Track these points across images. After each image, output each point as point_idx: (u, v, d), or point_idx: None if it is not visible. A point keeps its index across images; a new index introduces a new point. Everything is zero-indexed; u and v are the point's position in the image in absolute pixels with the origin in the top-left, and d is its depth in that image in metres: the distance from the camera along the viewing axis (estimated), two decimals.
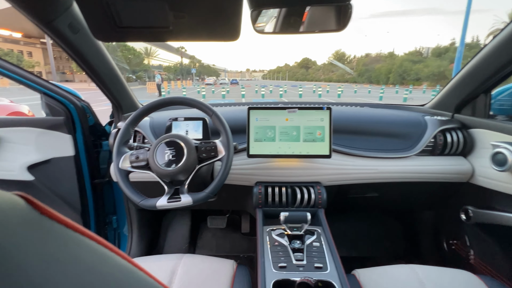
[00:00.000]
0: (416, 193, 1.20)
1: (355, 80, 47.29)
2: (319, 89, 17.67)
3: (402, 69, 35.08)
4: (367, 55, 62.63)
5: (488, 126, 1.02)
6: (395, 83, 33.79)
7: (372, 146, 1.11)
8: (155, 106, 0.90)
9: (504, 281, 0.91)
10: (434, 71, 30.99)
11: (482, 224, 1.04)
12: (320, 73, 77.12)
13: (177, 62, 69.67)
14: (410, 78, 33.26)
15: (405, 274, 0.83)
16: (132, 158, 0.85)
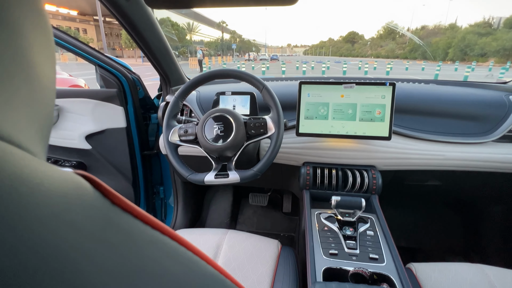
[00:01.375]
0: (488, 183, 1.05)
1: (406, 56, 43.13)
2: (365, 66, 16.45)
3: (464, 43, 30.97)
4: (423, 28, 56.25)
5: None
6: (454, 59, 30.11)
7: (439, 128, 0.97)
8: (204, 79, 0.87)
9: None
10: (506, 45, 26.82)
11: None
12: (367, 48, 71.67)
13: (218, 37, 69.68)
14: (473, 53, 29.30)
15: (472, 274, 0.74)
16: (181, 132, 0.84)
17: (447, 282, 0.72)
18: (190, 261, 0.17)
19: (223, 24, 73.36)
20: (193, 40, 55.64)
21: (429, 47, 38.06)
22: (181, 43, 40.33)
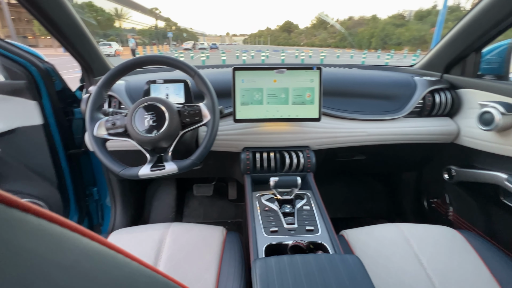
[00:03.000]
0: (402, 154, 1.22)
1: (337, 45, 46.51)
2: (301, 54, 17.24)
3: (384, 33, 34.74)
4: (350, 18, 61.14)
5: (476, 86, 1.01)
6: (377, 47, 33.60)
7: (362, 108, 1.08)
8: (129, 66, 0.81)
9: (481, 235, 0.96)
10: (415, 35, 30.95)
11: (463, 182, 1.08)
12: (302, 37, 75.04)
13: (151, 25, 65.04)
14: (391, 42, 33.11)
15: (391, 232, 0.86)
16: (108, 125, 0.77)
17: (372, 242, 0.83)
18: (60, 237, 0.16)
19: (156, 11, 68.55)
20: (124, 27, 50.89)
21: (355, 37, 41.63)
22: (110, 31, 36.54)
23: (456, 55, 1.07)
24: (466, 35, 1.01)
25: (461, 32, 1.02)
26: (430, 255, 0.77)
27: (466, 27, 1.00)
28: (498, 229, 0.98)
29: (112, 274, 0.17)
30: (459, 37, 1.04)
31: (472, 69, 1.07)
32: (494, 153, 0.94)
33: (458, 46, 1.05)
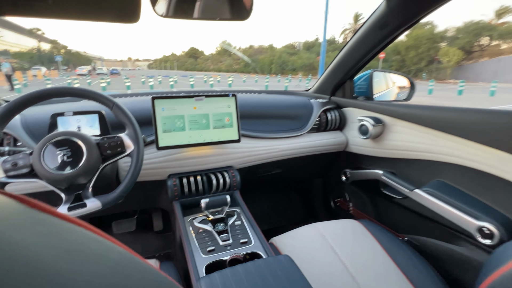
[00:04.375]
0: (309, 164, 1.43)
1: (243, 70, 49.93)
2: (210, 79, 17.78)
3: (281, 60, 39.36)
4: (250, 47, 66.85)
5: (353, 105, 1.31)
6: (276, 73, 37.65)
7: (274, 128, 1.24)
8: (31, 99, 0.73)
9: (374, 221, 1.21)
10: (306, 63, 36.23)
11: (355, 181, 1.34)
12: (209, 63, 77.38)
13: (32, 47, 55.65)
14: (288, 68, 37.73)
15: (309, 232, 1.00)
16: (7, 166, 0.67)
17: (296, 243, 0.94)
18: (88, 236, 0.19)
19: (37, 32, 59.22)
20: None
21: (257, 63, 45.72)
22: None
23: (337, 81, 1.36)
24: (342, 66, 1.30)
25: (338, 64, 1.31)
26: (341, 244, 0.93)
27: (341, 61, 1.29)
28: (383, 214, 1.26)
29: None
30: (338, 68, 1.33)
31: (349, 92, 1.38)
32: (372, 156, 1.22)
33: (338, 75, 1.34)
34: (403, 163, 1.11)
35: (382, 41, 1.10)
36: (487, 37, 25.89)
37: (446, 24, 36.63)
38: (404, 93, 1.42)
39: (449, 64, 24.55)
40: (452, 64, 24.47)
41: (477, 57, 25.68)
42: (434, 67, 25.85)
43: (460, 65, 25.16)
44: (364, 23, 1.12)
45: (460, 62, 25.05)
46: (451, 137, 0.90)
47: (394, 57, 27.26)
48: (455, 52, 24.11)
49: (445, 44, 26.50)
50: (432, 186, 0.96)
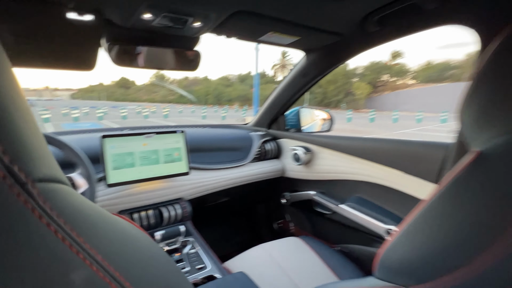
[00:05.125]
0: (253, 190, 1.57)
1: (179, 101, 49.40)
2: (144, 110, 17.09)
3: (217, 91, 40.54)
4: (185, 78, 67.19)
5: (287, 136, 1.52)
6: (213, 103, 38.40)
7: (220, 159, 1.35)
8: None
9: (312, 237, 1.38)
10: (241, 94, 38.07)
11: (294, 203, 1.52)
12: (142, 93, 74.31)
13: None
14: (224, 99, 38.93)
15: (258, 253, 1.10)
16: None
17: (246, 264, 1.03)
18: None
19: None
20: None
21: (193, 94, 46.03)
22: None
23: (272, 116, 1.58)
24: (275, 104, 1.52)
25: (273, 102, 1.53)
26: (285, 259, 1.06)
27: (275, 99, 1.51)
28: (319, 229, 1.45)
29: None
30: (272, 105, 1.54)
31: (282, 126, 1.60)
32: (305, 179, 1.42)
33: (272, 111, 1.56)
34: (330, 183, 1.33)
35: (305, 85, 1.35)
36: (387, 74, 31.55)
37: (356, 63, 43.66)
38: (326, 124, 1.71)
39: (361, 96, 28.88)
40: (363, 96, 28.87)
41: (381, 91, 30.92)
42: (350, 98, 30.00)
43: (370, 97, 29.84)
44: (291, 70, 1.37)
45: (370, 95, 29.74)
46: (362, 160, 1.15)
47: (318, 90, 30.74)
48: (365, 86, 28.66)
49: (357, 80, 31.24)
50: (352, 201, 1.19)
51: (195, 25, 0.82)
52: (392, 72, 31.08)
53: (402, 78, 31.40)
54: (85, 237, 0.20)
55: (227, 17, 0.82)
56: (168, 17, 0.74)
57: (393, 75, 31.23)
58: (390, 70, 31.27)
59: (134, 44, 0.82)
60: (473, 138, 0.43)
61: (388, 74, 31.47)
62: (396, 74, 31.00)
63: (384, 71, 31.45)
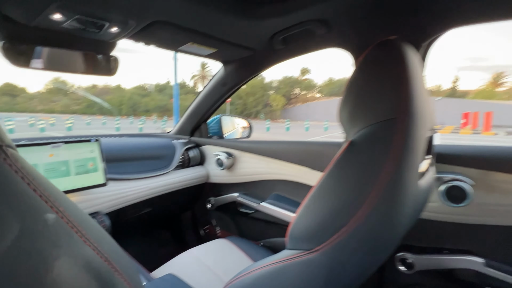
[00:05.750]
0: (178, 198, 1.55)
1: (85, 112, 43.51)
2: (40, 122, 14.41)
3: (132, 101, 37.46)
4: (94, 86, 59.93)
5: (210, 143, 1.58)
6: (128, 114, 35.28)
7: (141, 168, 1.30)
8: None
9: (238, 237, 1.45)
10: (159, 104, 36.19)
11: (219, 206, 1.57)
12: (36, 102, 62.54)
13: None
14: (141, 110, 36.24)
15: (185, 258, 1.11)
16: None
17: (174, 269, 1.03)
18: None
19: None
20: None
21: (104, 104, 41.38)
22: None
23: (194, 124, 1.61)
24: (197, 112, 1.57)
25: (194, 111, 1.57)
26: (213, 260, 1.10)
27: (196, 108, 1.55)
28: (244, 228, 1.54)
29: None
30: (194, 114, 1.58)
31: (205, 133, 1.65)
32: (229, 183, 1.50)
33: (194, 119, 1.60)
34: (252, 184, 1.44)
35: (225, 94, 1.45)
36: (298, 88, 35.09)
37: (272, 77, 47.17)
38: (246, 131, 1.84)
39: (277, 108, 31.27)
40: (279, 107, 31.32)
41: (294, 103, 34.20)
42: (268, 109, 32.08)
43: (285, 108, 32.56)
44: (211, 79, 1.45)
45: (285, 106, 32.46)
46: (277, 161, 1.30)
47: (238, 101, 31.82)
48: (280, 99, 31.18)
49: (273, 92, 33.71)
50: (271, 198, 1.32)
51: (113, 30, 0.81)
52: (302, 86, 34.81)
53: (311, 91, 35.44)
54: (48, 191, 0.25)
55: (147, 25, 0.84)
56: (82, 20, 0.72)
57: (303, 89, 35.00)
58: (301, 84, 34.98)
59: (39, 44, 0.76)
60: (348, 132, 0.58)
61: (299, 88, 35.09)
62: (305, 88, 34.86)
63: (296, 85, 34.99)
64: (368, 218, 0.48)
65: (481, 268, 0.84)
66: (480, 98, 27.48)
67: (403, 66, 0.51)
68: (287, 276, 0.56)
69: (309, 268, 0.53)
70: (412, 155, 0.50)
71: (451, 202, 0.86)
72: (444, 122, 20.94)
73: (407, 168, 0.49)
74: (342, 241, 0.49)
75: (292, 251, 0.56)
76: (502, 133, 14.96)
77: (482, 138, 13.46)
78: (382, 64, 0.54)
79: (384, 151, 0.49)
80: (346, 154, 0.52)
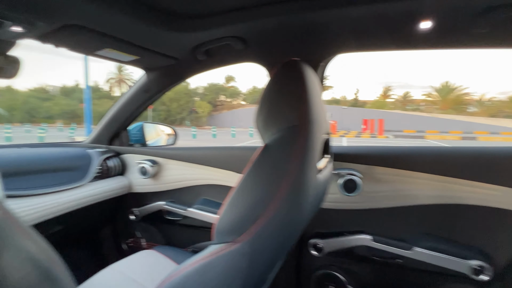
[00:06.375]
0: (96, 212, 1.43)
1: None
2: None
3: (28, 106, 31.45)
4: None
5: (131, 151, 1.51)
6: (23, 121, 29.43)
7: (49, 182, 1.16)
8: None
9: (166, 246, 1.42)
10: (66, 110, 31.40)
11: (144, 217, 1.51)
12: None
13: None
14: (41, 116, 30.72)
15: (108, 274, 1.05)
16: None
17: None
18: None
19: None
20: None
21: None
22: None
23: (113, 132, 1.52)
24: (116, 119, 1.49)
25: (113, 117, 1.48)
26: (139, 272, 1.06)
27: (115, 114, 1.47)
28: (172, 237, 1.52)
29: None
30: (112, 121, 1.49)
31: (126, 141, 1.57)
32: (155, 191, 1.47)
33: (113, 126, 1.51)
34: (179, 191, 1.44)
35: (147, 101, 1.42)
36: (223, 95, 35.53)
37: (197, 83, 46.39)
38: (171, 139, 1.82)
39: (203, 114, 30.96)
40: (205, 114, 31.08)
41: (220, 109, 34.43)
42: (194, 116, 31.43)
43: (211, 115, 32.46)
44: (133, 86, 1.40)
45: (211, 113, 32.37)
46: (203, 166, 1.34)
47: (161, 107, 30.21)
48: (206, 105, 30.99)
49: (199, 99, 33.27)
50: (199, 203, 1.35)
51: (14, 29, 0.73)
52: (227, 93, 35.39)
53: (236, 99, 36.36)
54: None
55: (58, 28, 0.79)
56: None
57: (228, 96, 35.62)
58: (226, 92, 35.51)
59: None
60: (263, 136, 0.68)
61: (225, 95, 35.60)
62: (231, 96, 35.56)
63: (221, 92, 35.37)
64: (280, 208, 0.58)
65: (370, 243, 1.07)
66: (375, 108, 32.93)
67: (303, 83, 0.64)
68: (215, 269, 0.62)
69: (233, 259, 0.60)
70: (312, 154, 0.63)
71: (347, 192, 1.07)
72: (350, 128, 24.29)
73: (308, 165, 0.62)
74: (260, 230, 0.58)
75: (218, 245, 0.62)
76: (391, 136, 18.25)
77: (378, 141, 16.19)
78: (287, 80, 0.66)
79: (290, 152, 0.60)
80: (261, 155, 0.62)
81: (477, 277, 0.93)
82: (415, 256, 1.00)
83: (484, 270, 0.93)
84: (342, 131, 21.14)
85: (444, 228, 1.03)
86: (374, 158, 1.09)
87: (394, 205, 1.07)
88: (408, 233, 1.07)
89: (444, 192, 1.01)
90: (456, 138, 17.05)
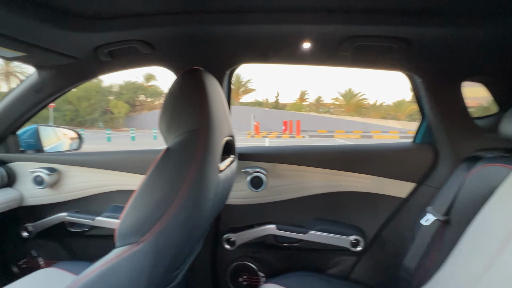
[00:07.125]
0: None
1: None
2: None
3: None
4: None
5: (22, 159, 1.32)
6: None
7: None
8: None
9: (71, 261, 1.29)
10: None
11: (41, 232, 1.33)
12: None
13: None
14: None
15: None
16: None
17: None
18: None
19: None
20: None
21: None
22: None
23: None
24: (1, 120, 1.28)
25: None
26: None
27: (0, 115, 1.26)
28: (77, 250, 1.38)
29: None
30: None
31: (14, 147, 1.36)
32: (54, 202, 1.31)
33: None
34: (85, 200, 1.33)
35: (42, 102, 1.27)
36: (143, 95, 33.00)
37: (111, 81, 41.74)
38: (75, 143, 1.65)
39: (120, 115, 28.09)
40: (122, 115, 28.25)
41: (139, 110, 31.87)
42: (108, 117, 28.25)
43: (129, 116, 29.72)
44: (21, 83, 1.23)
45: (128, 113, 29.64)
46: (113, 172, 1.28)
47: (67, 107, 26.16)
48: (123, 105, 28.18)
49: (114, 98, 30.05)
50: (109, 210, 1.28)
51: None
52: (147, 93, 33.00)
53: (158, 99, 34.25)
54: None
55: None
56: None
57: (148, 96, 33.26)
58: (146, 91, 33.06)
59: None
60: (167, 140, 0.72)
61: (144, 94, 33.12)
62: (151, 95, 33.27)
63: (140, 91, 32.73)
64: (182, 206, 0.63)
65: (275, 231, 1.22)
66: (293, 110, 35.76)
67: (203, 90, 0.70)
68: (117, 273, 0.63)
69: (137, 259, 0.62)
70: (212, 156, 0.70)
71: (254, 188, 1.19)
72: (272, 129, 25.76)
73: (209, 166, 0.68)
74: (163, 229, 0.62)
75: (121, 248, 0.63)
76: (307, 136, 20.15)
77: (295, 140, 17.65)
78: (189, 87, 0.72)
79: (191, 154, 0.65)
80: (163, 158, 0.66)
81: (355, 249, 1.17)
82: (310, 238, 1.18)
83: (359, 243, 1.17)
84: (265, 131, 22.27)
85: (331, 212, 1.26)
86: (277, 157, 1.25)
87: (293, 197, 1.24)
88: (305, 219, 1.26)
89: (330, 182, 1.22)
90: (357, 136, 20.01)
